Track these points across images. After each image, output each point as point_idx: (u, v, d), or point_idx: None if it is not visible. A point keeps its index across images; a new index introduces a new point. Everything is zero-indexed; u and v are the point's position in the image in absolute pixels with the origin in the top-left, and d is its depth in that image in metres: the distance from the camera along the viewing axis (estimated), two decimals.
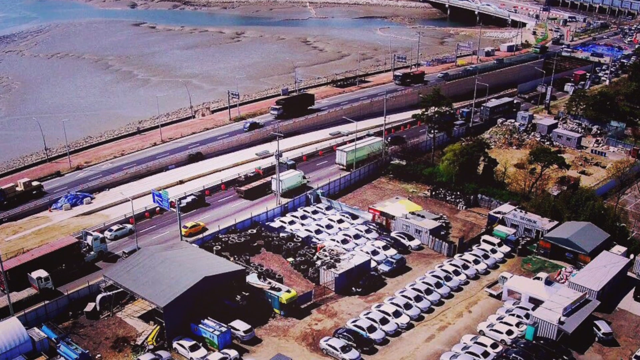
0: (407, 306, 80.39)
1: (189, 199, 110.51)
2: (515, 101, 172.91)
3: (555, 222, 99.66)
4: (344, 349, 71.73)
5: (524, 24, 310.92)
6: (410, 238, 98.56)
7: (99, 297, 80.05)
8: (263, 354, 72.04)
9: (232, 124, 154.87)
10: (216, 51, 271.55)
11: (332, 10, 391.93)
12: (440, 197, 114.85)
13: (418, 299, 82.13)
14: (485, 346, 72.44)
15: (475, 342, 73.35)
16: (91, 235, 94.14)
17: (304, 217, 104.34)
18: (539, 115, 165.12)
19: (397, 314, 78.55)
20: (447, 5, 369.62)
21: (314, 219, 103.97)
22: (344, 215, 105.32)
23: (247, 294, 79.97)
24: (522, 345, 72.64)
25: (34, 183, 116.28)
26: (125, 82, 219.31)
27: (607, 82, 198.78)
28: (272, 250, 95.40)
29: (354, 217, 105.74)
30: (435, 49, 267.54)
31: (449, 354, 71.81)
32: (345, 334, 74.48)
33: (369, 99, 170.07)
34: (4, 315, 76.91)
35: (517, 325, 76.53)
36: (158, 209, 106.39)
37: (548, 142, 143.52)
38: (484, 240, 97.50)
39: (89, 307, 79.54)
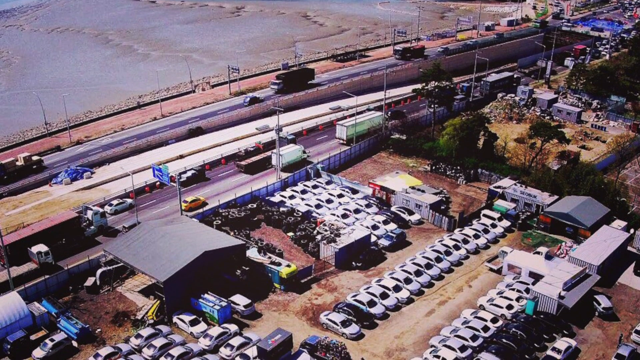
0: (407, 281, 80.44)
1: (189, 173, 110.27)
2: (515, 76, 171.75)
3: (556, 197, 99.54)
4: (344, 324, 71.92)
5: None
6: (411, 212, 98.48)
7: (99, 271, 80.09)
8: (263, 329, 72.20)
9: (232, 98, 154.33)
10: (216, 25, 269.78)
11: None
12: (441, 171, 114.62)
13: (418, 273, 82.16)
14: (485, 320, 72.63)
15: (475, 317, 73.58)
16: (91, 209, 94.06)
17: (304, 192, 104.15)
18: (539, 89, 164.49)
19: (397, 289, 78.61)
20: None
21: (314, 194, 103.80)
22: (344, 190, 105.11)
23: (247, 268, 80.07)
24: (522, 320, 72.84)
25: (34, 157, 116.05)
26: (126, 57, 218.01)
27: (607, 57, 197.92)
28: (272, 225, 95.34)
29: (354, 191, 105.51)
30: (436, 23, 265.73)
31: (449, 328, 71.99)
32: (345, 308, 74.56)
33: (369, 73, 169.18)
34: (4, 289, 76.95)
35: (517, 299, 76.65)
36: (158, 183, 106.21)
37: (548, 117, 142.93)
38: (484, 215, 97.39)
39: (89, 281, 79.66)
